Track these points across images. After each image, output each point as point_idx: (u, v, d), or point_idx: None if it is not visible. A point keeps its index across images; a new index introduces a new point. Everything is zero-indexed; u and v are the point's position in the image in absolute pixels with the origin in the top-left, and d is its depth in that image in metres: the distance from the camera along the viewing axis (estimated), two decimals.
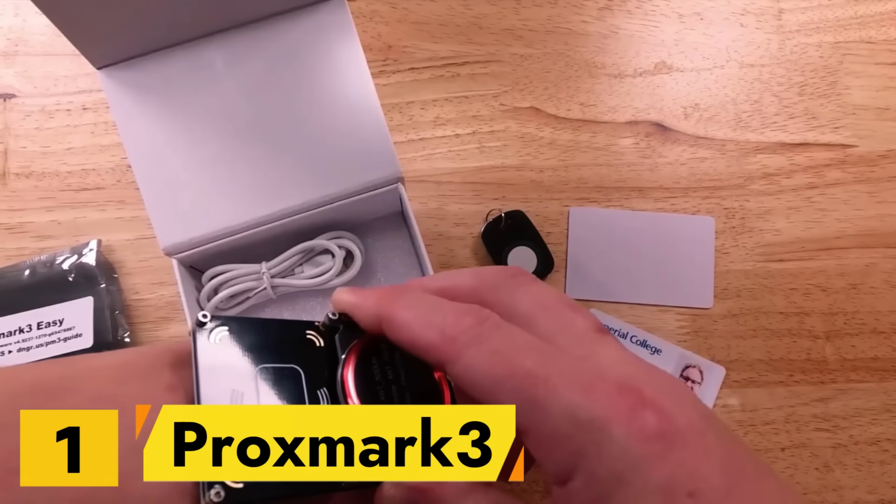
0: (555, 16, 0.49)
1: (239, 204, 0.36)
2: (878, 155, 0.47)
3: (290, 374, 0.21)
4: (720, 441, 0.17)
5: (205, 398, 0.19)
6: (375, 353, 0.22)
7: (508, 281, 0.21)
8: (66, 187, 0.45)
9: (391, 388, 0.22)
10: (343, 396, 0.21)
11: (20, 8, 0.48)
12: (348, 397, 0.21)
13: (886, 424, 0.43)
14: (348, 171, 0.36)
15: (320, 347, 0.22)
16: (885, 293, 0.45)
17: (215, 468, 0.17)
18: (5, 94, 0.46)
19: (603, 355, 0.19)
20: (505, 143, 0.46)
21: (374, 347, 0.22)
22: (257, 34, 0.37)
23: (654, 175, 0.46)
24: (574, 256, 0.45)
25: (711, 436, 0.16)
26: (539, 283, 0.21)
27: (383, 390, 0.22)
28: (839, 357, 0.44)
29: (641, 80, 0.48)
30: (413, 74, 0.47)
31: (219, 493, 0.17)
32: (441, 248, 0.45)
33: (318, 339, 0.22)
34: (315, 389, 0.21)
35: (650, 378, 0.18)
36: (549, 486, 0.19)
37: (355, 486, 0.20)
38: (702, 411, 0.17)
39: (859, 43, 0.48)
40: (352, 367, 0.21)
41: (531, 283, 0.21)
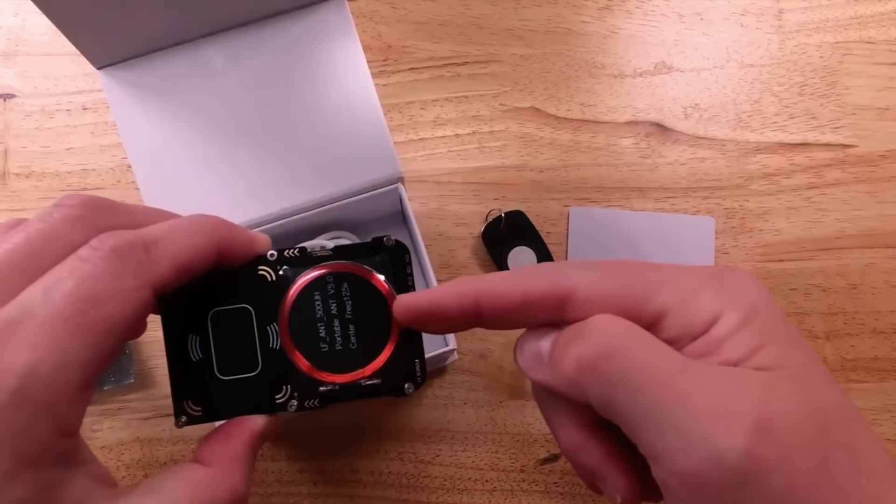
0: (555, 16, 0.49)
1: (239, 204, 0.36)
2: (878, 155, 0.47)
3: (242, 313, 0.23)
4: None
5: (168, 346, 0.22)
6: (320, 288, 0.23)
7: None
8: (66, 187, 0.45)
9: (333, 322, 0.23)
10: (278, 338, 0.23)
11: (20, 8, 0.48)
12: (284, 340, 0.23)
13: (886, 424, 0.43)
14: (348, 171, 0.36)
15: (271, 282, 0.23)
16: (885, 293, 0.45)
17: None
18: (5, 94, 0.46)
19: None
20: (505, 143, 0.46)
21: (319, 281, 0.23)
22: (257, 34, 0.37)
23: (654, 175, 0.46)
24: (574, 256, 0.45)
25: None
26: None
27: (325, 326, 0.23)
28: (839, 357, 0.44)
29: (641, 80, 0.48)
30: (413, 74, 0.47)
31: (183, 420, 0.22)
32: (441, 248, 0.45)
33: (270, 273, 0.23)
34: (265, 326, 0.23)
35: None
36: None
37: (303, 408, 0.23)
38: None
39: (859, 43, 0.48)
40: (289, 306, 0.23)
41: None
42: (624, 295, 0.20)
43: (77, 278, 0.18)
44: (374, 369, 0.23)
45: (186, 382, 0.23)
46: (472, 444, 0.42)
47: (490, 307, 0.21)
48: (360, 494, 0.41)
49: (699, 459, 0.17)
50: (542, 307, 0.21)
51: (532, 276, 0.21)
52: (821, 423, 0.18)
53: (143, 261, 0.19)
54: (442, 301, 0.21)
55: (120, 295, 0.18)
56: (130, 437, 0.41)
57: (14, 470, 0.16)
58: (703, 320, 0.19)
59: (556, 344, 0.21)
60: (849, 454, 0.17)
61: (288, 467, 0.41)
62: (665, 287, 0.20)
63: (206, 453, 0.21)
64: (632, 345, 0.19)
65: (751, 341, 0.19)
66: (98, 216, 0.20)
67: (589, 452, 0.21)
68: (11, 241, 0.19)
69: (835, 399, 0.18)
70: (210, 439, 0.22)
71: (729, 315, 0.19)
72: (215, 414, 0.23)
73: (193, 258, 0.21)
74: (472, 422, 0.42)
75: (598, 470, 0.21)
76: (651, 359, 0.18)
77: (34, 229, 0.19)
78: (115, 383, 0.41)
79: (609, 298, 0.20)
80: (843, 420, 0.18)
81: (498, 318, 0.21)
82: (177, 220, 0.21)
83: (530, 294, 0.21)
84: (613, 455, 0.21)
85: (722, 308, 0.19)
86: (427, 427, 0.42)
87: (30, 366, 0.17)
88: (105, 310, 0.18)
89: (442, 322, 0.22)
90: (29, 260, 0.18)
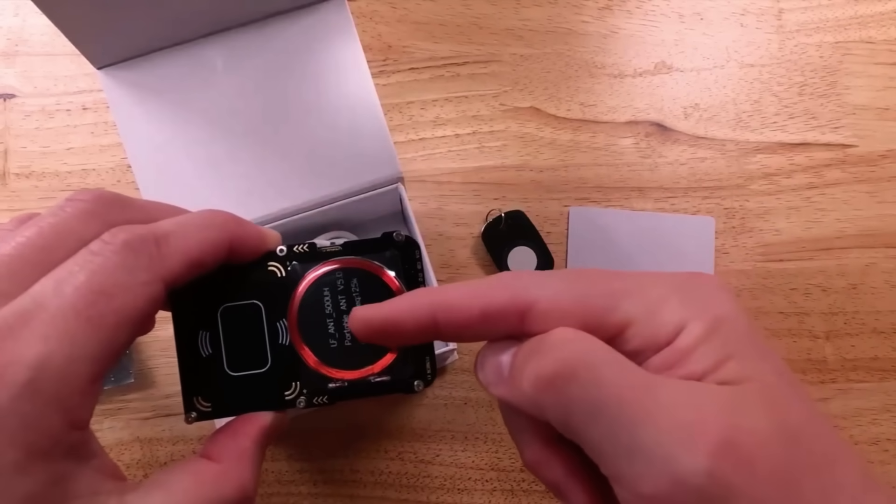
0: (555, 16, 0.49)
1: (239, 204, 0.36)
2: (878, 155, 0.47)
3: (251, 309, 0.23)
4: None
5: (179, 342, 0.22)
6: (330, 283, 0.23)
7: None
8: (66, 187, 0.45)
9: (343, 318, 0.23)
10: (287, 334, 0.23)
11: (20, 8, 0.48)
12: (293, 336, 0.23)
13: (886, 424, 0.43)
14: (348, 171, 0.36)
15: (281, 278, 0.23)
16: (885, 293, 0.45)
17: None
18: (5, 94, 0.46)
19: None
20: (505, 143, 0.46)
21: (329, 276, 0.23)
22: (257, 34, 0.37)
23: (654, 175, 0.46)
24: (574, 256, 0.45)
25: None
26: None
27: (334, 322, 0.23)
28: (839, 357, 0.44)
29: (641, 80, 0.48)
30: (413, 74, 0.47)
31: (194, 415, 0.22)
32: (441, 248, 0.45)
33: (280, 269, 0.23)
34: (275, 322, 0.23)
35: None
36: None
37: (312, 405, 0.23)
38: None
39: (859, 43, 0.48)
40: (299, 302, 0.23)
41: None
42: (586, 306, 0.19)
43: (89, 272, 0.18)
44: (384, 366, 0.23)
45: (196, 378, 0.23)
46: (472, 444, 0.42)
47: (447, 322, 0.20)
48: (360, 494, 0.41)
49: (660, 482, 0.16)
50: (501, 320, 0.20)
51: (491, 287, 0.20)
52: (788, 439, 0.17)
53: (155, 255, 0.19)
54: (396, 316, 0.21)
55: (131, 289, 0.18)
56: (130, 437, 0.41)
57: (25, 462, 0.16)
58: (668, 331, 0.18)
59: (515, 358, 0.20)
60: (819, 473, 0.17)
61: (288, 467, 0.41)
62: (629, 297, 0.19)
63: (215, 449, 0.21)
64: (591, 361, 0.18)
65: (715, 354, 0.18)
66: (110, 211, 0.20)
67: (550, 468, 0.21)
68: (24, 234, 0.19)
69: (804, 413, 0.18)
70: (218, 435, 0.22)
71: (693, 325, 0.18)
72: (225, 410, 0.23)
73: (204, 253, 0.21)
74: (472, 422, 0.42)
75: (558, 485, 0.21)
76: (611, 376, 0.18)
77: (46, 223, 0.19)
78: (115, 383, 0.41)
79: (571, 310, 0.19)
80: (813, 436, 0.17)
81: (456, 332, 0.20)
82: (188, 216, 0.21)
83: (489, 307, 0.20)
84: (574, 471, 0.20)
85: (687, 318, 0.18)
86: (427, 427, 0.42)
87: (41, 358, 0.17)
88: (116, 303, 0.18)
89: (398, 337, 0.21)
90: (41, 254, 0.18)
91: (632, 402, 0.17)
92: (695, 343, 0.18)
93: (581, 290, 0.20)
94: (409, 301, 0.21)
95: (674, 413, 0.17)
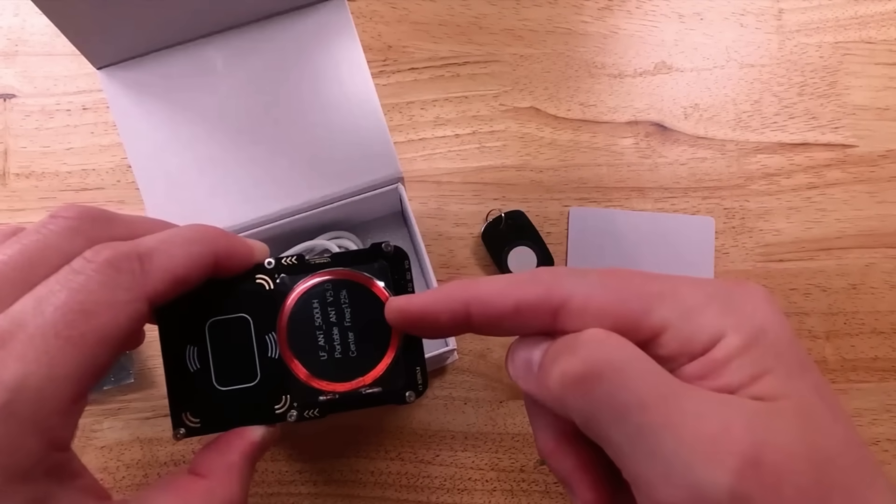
0: (555, 16, 0.49)
1: (239, 204, 0.36)
2: (878, 155, 0.47)
3: (240, 323, 0.23)
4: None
5: (166, 357, 0.22)
6: (319, 295, 0.23)
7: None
8: (66, 187, 0.45)
9: (332, 330, 0.23)
10: (277, 347, 0.23)
11: (20, 8, 0.48)
12: (283, 349, 0.23)
13: (886, 424, 0.43)
14: (348, 171, 0.36)
15: (270, 290, 0.23)
16: (885, 293, 0.45)
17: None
18: (5, 94, 0.46)
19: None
20: (505, 143, 0.46)
21: (318, 289, 0.23)
22: (257, 34, 0.37)
23: (654, 175, 0.46)
24: (574, 256, 0.45)
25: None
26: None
27: (324, 334, 0.23)
28: (839, 357, 0.44)
29: (641, 80, 0.48)
30: (413, 74, 0.47)
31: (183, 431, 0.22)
32: (441, 248, 0.45)
33: (268, 281, 0.23)
34: (263, 335, 0.23)
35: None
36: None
37: (303, 418, 0.23)
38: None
39: (859, 43, 0.48)
40: (288, 315, 0.23)
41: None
42: (621, 307, 0.19)
43: (69, 290, 0.18)
44: (375, 377, 0.23)
45: (184, 394, 0.22)
46: (472, 444, 0.42)
47: (481, 314, 0.20)
48: (360, 494, 0.41)
49: (678, 493, 0.16)
50: (534, 316, 0.20)
51: (526, 283, 0.20)
52: (820, 460, 0.16)
53: (138, 272, 0.19)
54: (432, 307, 0.21)
55: (113, 307, 0.18)
56: (130, 437, 0.41)
57: (4, 485, 0.16)
58: (704, 340, 0.18)
59: (545, 355, 0.20)
60: (850, 498, 0.16)
61: (288, 467, 0.41)
62: (666, 301, 0.19)
63: (203, 464, 0.21)
64: (619, 364, 0.18)
65: (752, 367, 0.18)
66: (94, 227, 0.20)
67: (561, 460, 0.21)
68: (6, 252, 0.19)
69: (839, 435, 0.17)
70: (207, 450, 0.22)
71: (731, 337, 0.18)
72: (214, 425, 0.22)
73: (189, 269, 0.20)
74: (472, 422, 0.42)
75: (567, 478, 0.21)
76: (637, 381, 0.17)
77: (30, 240, 0.19)
78: (115, 383, 0.41)
79: (605, 310, 0.19)
80: (846, 458, 0.17)
81: (489, 326, 0.20)
82: (172, 231, 0.21)
83: (523, 302, 0.20)
84: (586, 466, 0.20)
85: (725, 328, 0.18)
86: (427, 427, 0.42)
87: (19, 378, 0.16)
88: (98, 322, 0.18)
89: (432, 328, 0.21)
90: (23, 271, 0.18)
91: (655, 409, 0.17)
92: (731, 355, 0.18)
93: (616, 291, 0.19)
94: (445, 293, 0.21)
95: (699, 424, 0.16)
